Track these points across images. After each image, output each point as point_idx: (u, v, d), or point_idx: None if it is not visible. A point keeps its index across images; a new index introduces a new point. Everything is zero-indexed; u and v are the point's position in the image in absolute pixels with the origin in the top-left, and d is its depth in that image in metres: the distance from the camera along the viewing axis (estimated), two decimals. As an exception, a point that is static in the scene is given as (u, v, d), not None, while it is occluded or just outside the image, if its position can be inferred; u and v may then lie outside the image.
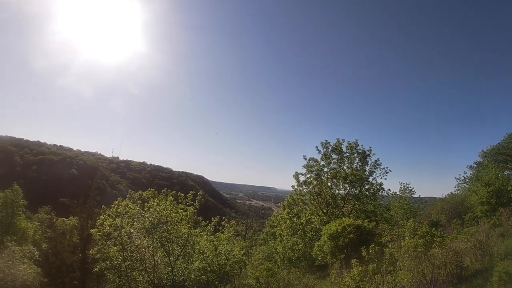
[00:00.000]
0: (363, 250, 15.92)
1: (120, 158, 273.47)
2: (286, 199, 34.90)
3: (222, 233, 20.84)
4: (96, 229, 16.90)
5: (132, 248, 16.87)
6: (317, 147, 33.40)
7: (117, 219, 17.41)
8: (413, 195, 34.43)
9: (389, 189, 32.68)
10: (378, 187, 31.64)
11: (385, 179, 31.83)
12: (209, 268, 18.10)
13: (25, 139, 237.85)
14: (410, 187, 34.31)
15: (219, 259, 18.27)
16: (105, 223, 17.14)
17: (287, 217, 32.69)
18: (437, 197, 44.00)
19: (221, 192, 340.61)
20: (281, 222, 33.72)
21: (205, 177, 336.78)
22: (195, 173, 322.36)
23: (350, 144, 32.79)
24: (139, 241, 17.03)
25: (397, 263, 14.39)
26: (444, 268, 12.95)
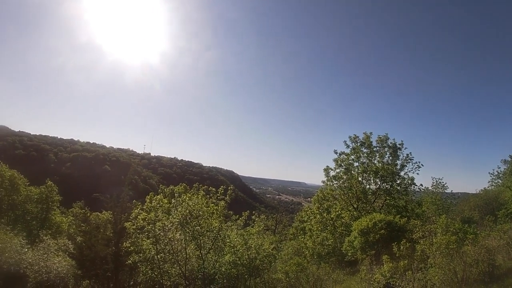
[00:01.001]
0: (394, 246, 15.73)
1: (151, 154, 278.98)
2: (316, 194, 34.69)
3: (252, 227, 21.01)
4: (130, 222, 17.34)
5: (165, 241, 17.22)
6: (345, 141, 32.95)
7: (151, 213, 17.82)
8: (445, 191, 33.55)
9: (421, 184, 31.92)
10: (409, 181, 30.87)
11: (417, 173, 30.99)
12: (239, 262, 18.30)
13: (59, 137, 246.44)
14: (443, 182, 33.47)
15: (249, 253, 18.43)
16: (139, 217, 17.58)
17: (317, 212, 32.56)
18: (470, 192, 42.64)
19: (250, 187, 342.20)
20: (311, 217, 33.62)
21: (235, 172, 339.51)
22: (225, 168, 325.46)
23: (380, 137, 32.11)
24: (172, 234, 17.37)
25: (428, 260, 14.19)
26: (476, 266, 12.69)
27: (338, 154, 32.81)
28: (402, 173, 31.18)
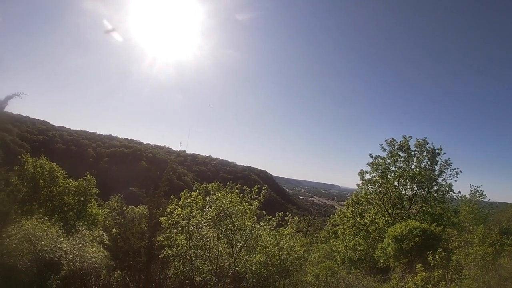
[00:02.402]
0: (429, 255, 15.43)
1: (187, 152, 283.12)
2: (350, 198, 34.36)
3: (285, 228, 21.05)
4: (165, 217, 17.74)
5: (198, 237, 17.54)
6: (381, 145, 32.43)
7: (186, 209, 18.17)
8: (483, 199, 32.41)
9: (459, 192, 30.95)
10: (447, 188, 30.03)
11: (455, 180, 30.07)
12: (270, 262, 18.33)
13: (98, 133, 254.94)
14: (481, 190, 32.37)
15: (280, 253, 18.44)
16: (174, 212, 17.98)
17: (350, 216, 32.20)
18: (509, 202, 40.97)
19: (283, 188, 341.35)
20: (344, 221, 33.29)
21: (268, 172, 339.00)
22: (258, 168, 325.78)
23: (418, 141, 31.31)
24: (205, 231, 17.67)
25: (463, 271, 13.85)
26: (511, 280, 12.27)
27: (373, 157, 32.36)
28: (439, 179, 30.29)
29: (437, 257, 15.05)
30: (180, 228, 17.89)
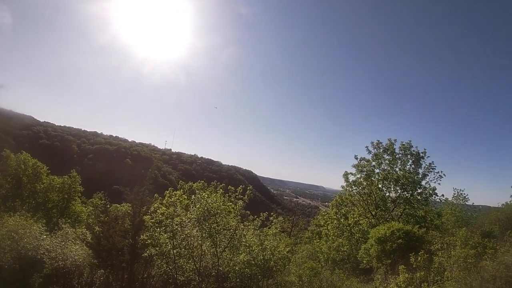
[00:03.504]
0: (411, 257, 15.54)
1: (172, 150, 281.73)
2: (334, 199, 34.48)
3: (269, 228, 21.02)
4: (149, 216, 17.57)
5: (182, 236, 17.42)
6: (367, 147, 32.64)
7: (170, 208, 18.03)
8: (466, 202, 32.87)
9: (443, 195, 31.36)
10: (431, 191, 30.38)
11: (439, 183, 30.47)
12: (253, 262, 18.28)
13: (83, 129, 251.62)
14: (464, 193, 32.81)
15: (264, 253, 18.40)
16: (158, 211, 17.81)
17: (334, 217, 32.35)
18: (491, 206, 41.63)
19: (268, 188, 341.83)
20: (328, 222, 33.42)
21: (253, 172, 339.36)
22: (244, 168, 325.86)
23: (403, 145, 31.65)
24: (189, 230, 17.55)
25: (445, 273, 13.98)
26: (493, 282, 12.38)
27: (358, 159, 32.54)
28: (423, 182, 30.65)
29: (419, 258, 15.16)
30: (163, 227, 17.73)
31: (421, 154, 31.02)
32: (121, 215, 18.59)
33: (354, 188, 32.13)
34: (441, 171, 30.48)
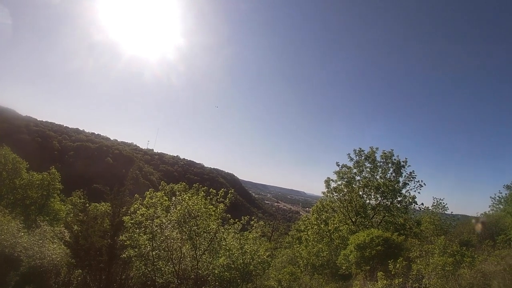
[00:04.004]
0: (390, 264, 15.66)
1: (154, 151, 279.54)
2: (315, 205, 34.65)
3: (250, 232, 20.98)
4: (128, 216, 17.35)
5: (162, 238, 17.27)
6: (349, 154, 32.98)
7: (150, 209, 17.85)
8: (445, 211, 33.40)
9: (422, 203, 31.79)
10: (410, 200, 30.77)
11: (419, 192, 30.91)
12: (233, 266, 18.22)
13: (64, 125, 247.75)
14: (443, 202, 33.34)
15: (244, 257, 18.37)
16: (138, 211, 17.60)
17: (315, 222, 32.47)
18: (470, 215, 42.45)
19: (250, 192, 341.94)
20: (308, 227, 33.55)
21: (235, 175, 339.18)
22: (226, 171, 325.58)
23: (385, 153, 32.08)
24: (168, 232, 17.40)
25: (423, 280, 14.11)
26: (470, 290, 12.59)
27: (340, 166, 32.80)
28: (403, 191, 31.06)
29: (398, 265, 15.26)
30: (143, 228, 17.54)
31: (402, 163, 31.46)
32: (100, 214, 18.30)
33: (335, 194, 32.38)
34: (421, 180, 30.99)
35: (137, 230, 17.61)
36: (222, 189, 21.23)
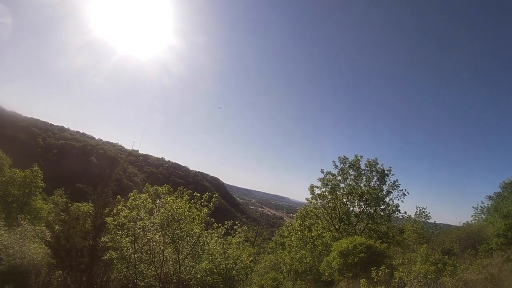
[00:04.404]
0: (373, 271, 15.72)
1: (139, 152, 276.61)
2: (299, 211, 34.70)
3: (233, 237, 20.91)
4: (111, 218, 17.16)
5: (144, 241, 17.10)
6: (334, 161, 33.09)
7: (133, 211, 17.65)
8: (428, 220, 33.83)
9: (405, 212, 32.09)
10: (394, 208, 30.98)
11: (402, 201, 31.16)
12: (215, 270, 18.15)
13: (49, 122, 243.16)
14: (426, 211, 33.74)
15: (227, 262, 18.33)
16: (121, 213, 17.39)
17: (298, 228, 32.49)
18: (452, 224, 43.09)
19: (234, 196, 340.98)
20: (291, 233, 33.57)
21: (220, 179, 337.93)
22: (211, 174, 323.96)
23: (369, 162, 32.31)
24: (151, 235, 17.24)
25: (405, 287, 14.19)
26: (452, 298, 12.70)
27: (325, 173, 32.89)
28: (387, 199, 31.27)
29: (380, 273, 15.34)
30: (126, 230, 17.35)
31: (386, 172, 31.70)
32: (83, 215, 18.06)
33: (319, 201, 32.41)
34: (405, 189, 31.26)
35: (120, 232, 17.42)
36: (207, 193, 21.13)
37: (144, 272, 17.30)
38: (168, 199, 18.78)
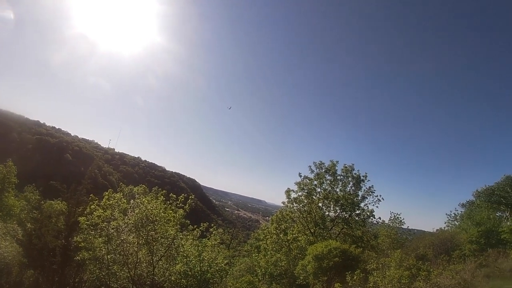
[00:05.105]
0: (347, 275, 15.83)
1: (115, 150, 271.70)
2: (275, 214, 34.75)
3: (208, 239, 20.77)
4: (84, 217, 16.82)
5: (118, 242, 16.81)
6: (310, 166, 33.34)
7: (107, 211, 17.34)
8: (402, 226, 34.43)
9: (380, 217, 32.58)
10: (369, 213, 31.43)
11: (377, 206, 31.66)
12: (190, 273, 18.00)
13: (25, 117, 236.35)
14: (400, 217, 34.33)
15: (201, 265, 18.20)
16: (94, 213, 17.06)
17: (274, 232, 32.52)
18: (426, 230, 44.10)
19: (211, 198, 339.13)
20: (267, 236, 33.56)
21: (197, 180, 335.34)
22: (187, 176, 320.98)
23: (345, 167, 32.67)
24: (125, 236, 16.95)
25: (379, 292, 14.33)
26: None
27: (301, 177, 33.08)
28: (362, 204, 31.68)
29: (355, 277, 15.48)
30: (99, 231, 17.03)
31: (362, 178, 32.12)
32: (55, 213, 17.66)
33: (295, 205, 32.58)
34: (380, 195, 31.75)
35: (93, 232, 17.11)
36: (183, 194, 20.94)
37: (117, 273, 17.02)
38: (143, 199, 18.51)
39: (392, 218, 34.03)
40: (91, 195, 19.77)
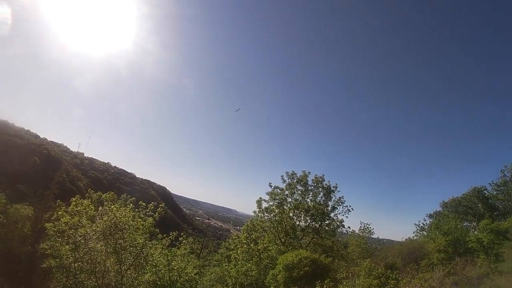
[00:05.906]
0: (317, 284, 15.92)
1: (85, 155, 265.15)
2: (246, 224, 34.70)
3: (178, 248, 20.54)
4: (51, 223, 16.37)
5: (85, 249, 16.40)
6: (282, 176, 33.66)
7: (74, 218, 16.93)
8: (372, 236, 35.04)
9: (349, 227, 33.12)
10: (338, 223, 31.93)
11: (347, 217, 32.20)
12: (159, 283, 17.73)
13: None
14: (370, 227, 34.96)
15: (171, 274, 17.97)
16: (61, 219, 16.63)
17: (244, 241, 32.39)
18: (395, 240, 45.14)
19: (181, 207, 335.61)
20: (238, 246, 33.40)
21: (167, 188, 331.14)
22: (158, 183, 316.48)
23: (316, 178, 33.13)
24: (93, 243, 16.56)
25: (349, 300, 14.45)
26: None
27: (272, 187, 33.26)
28: (332, 215, 32.21)
29: (325, 286, 15.59)
30: (66, 238, 16.59)
31: (332, 188, 32.70)
32: (22, 218, 17.12)
33: (266, 214, 32.71)
34: (350, 205, 32.34)
35: (60, 239, 16.70)
36: (153, 202, 20.71)
37: (85, 282, 16.62)
38: (112, 206, 18.19)
39: (362, 228, 34.68)
40: (58, 200, 19.27)
